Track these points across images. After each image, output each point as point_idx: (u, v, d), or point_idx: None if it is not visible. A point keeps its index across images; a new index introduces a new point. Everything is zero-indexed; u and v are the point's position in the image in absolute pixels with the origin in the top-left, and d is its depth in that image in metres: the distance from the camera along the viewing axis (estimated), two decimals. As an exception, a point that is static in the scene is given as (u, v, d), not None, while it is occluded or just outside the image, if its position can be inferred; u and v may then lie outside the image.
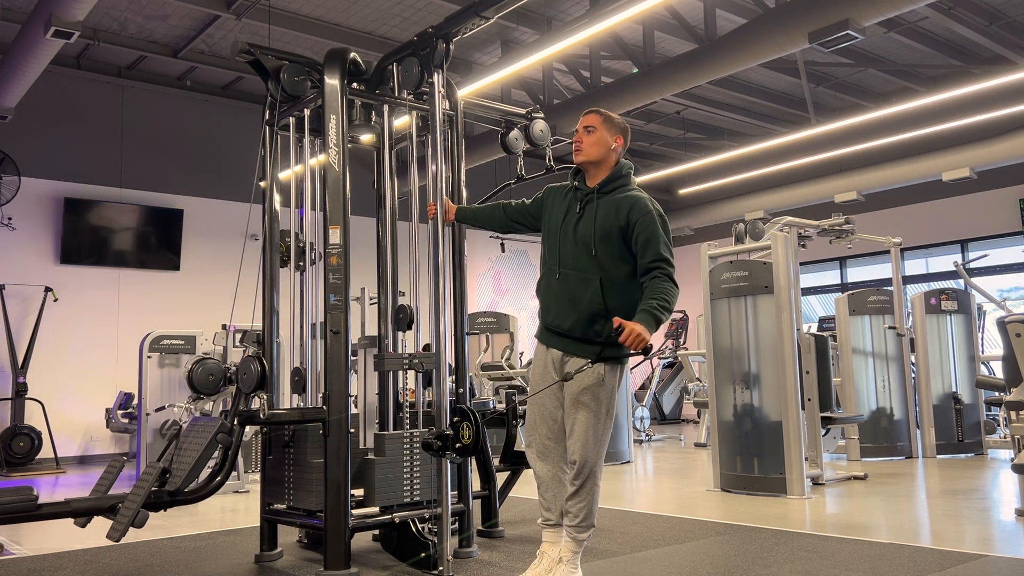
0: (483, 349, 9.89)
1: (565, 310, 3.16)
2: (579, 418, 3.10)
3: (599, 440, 3.11)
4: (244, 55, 3.97)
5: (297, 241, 4.11)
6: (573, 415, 3.12)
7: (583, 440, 3.08)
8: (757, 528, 4.40)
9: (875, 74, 10.71)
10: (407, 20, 8.73)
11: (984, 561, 3.52)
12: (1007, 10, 8.78)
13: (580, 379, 3.09)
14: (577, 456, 3.09)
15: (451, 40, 3.76)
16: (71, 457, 9.23)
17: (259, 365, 3.88)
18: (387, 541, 4.00)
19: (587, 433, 3.08)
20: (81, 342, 9.50)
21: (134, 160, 10.09)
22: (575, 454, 3.10)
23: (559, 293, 3.18)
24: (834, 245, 7.84)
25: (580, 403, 3.10)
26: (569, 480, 3.13)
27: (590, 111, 3.33)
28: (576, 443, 3.10)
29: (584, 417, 3.09)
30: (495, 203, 3.58)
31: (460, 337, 4.10)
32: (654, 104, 11.11)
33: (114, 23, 8.80)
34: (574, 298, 3.14)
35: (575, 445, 3.10)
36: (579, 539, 3.12)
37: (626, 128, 3.33)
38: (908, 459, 7.54)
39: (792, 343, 5.53)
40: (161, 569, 3.84)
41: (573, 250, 3.17)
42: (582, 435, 3.09)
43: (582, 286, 3.13)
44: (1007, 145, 10.04)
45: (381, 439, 3.81)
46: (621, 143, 3.28)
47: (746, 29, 7.54)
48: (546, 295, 3.25)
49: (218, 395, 6.45)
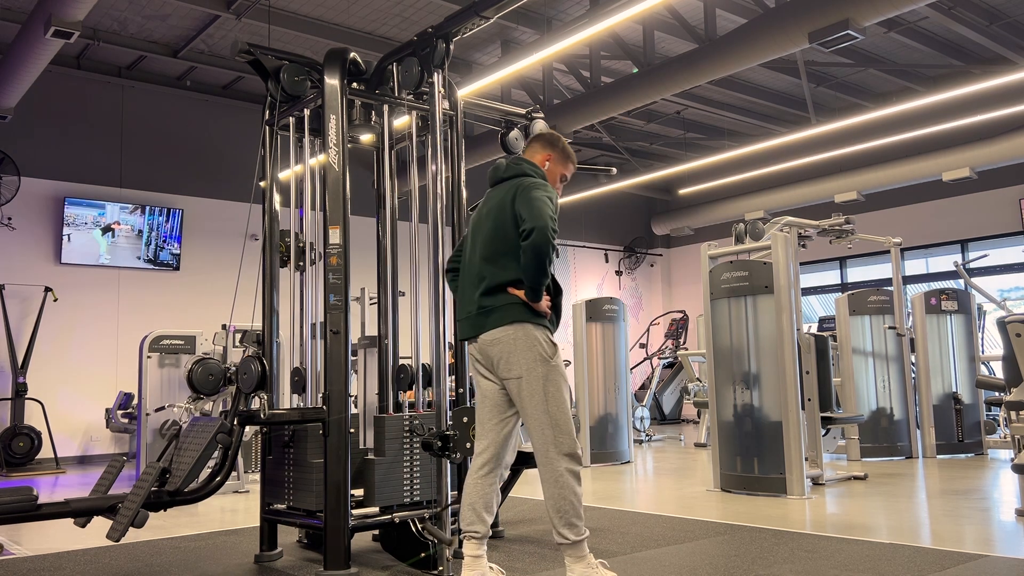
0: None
1: None
2: None
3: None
4: (244, 55, 3.97)
5: (297, 241, 4.11)
6: None
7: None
8: (757, 528, 4.40)
9: (875, 74, 10.71)
10: (407, 20, 8.73)
11: (984, 561, 3.52)
12: (1007, 10, 8.78)
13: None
14: None
15: (451, 40, 3.77)
16: (71, 457, 9.23)
17: (259, 365, 3.88)
18: (387, 541, 4.00)
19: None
20: (81, 342, 9.50)
21: (134, 160, 10.09)
22: None
23: None
24: (834, 245, 7.85)
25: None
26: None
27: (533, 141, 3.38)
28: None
29: None
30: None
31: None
32: (654, 104, 11.12)
33: (114, 23, 8.80)
34: None
35: None
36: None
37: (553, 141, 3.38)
38: (908, 459, 7.54)
39: (792, 343, 5.53)
40: (161, 569, 3.84)
41: None
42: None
43: None
44: (1007, 145, 10.05)
45: (381, 421, 3.81)
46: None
47: (746, 29, 7.54)
48: None
49: (218, 395, 6.45)
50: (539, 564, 3.71)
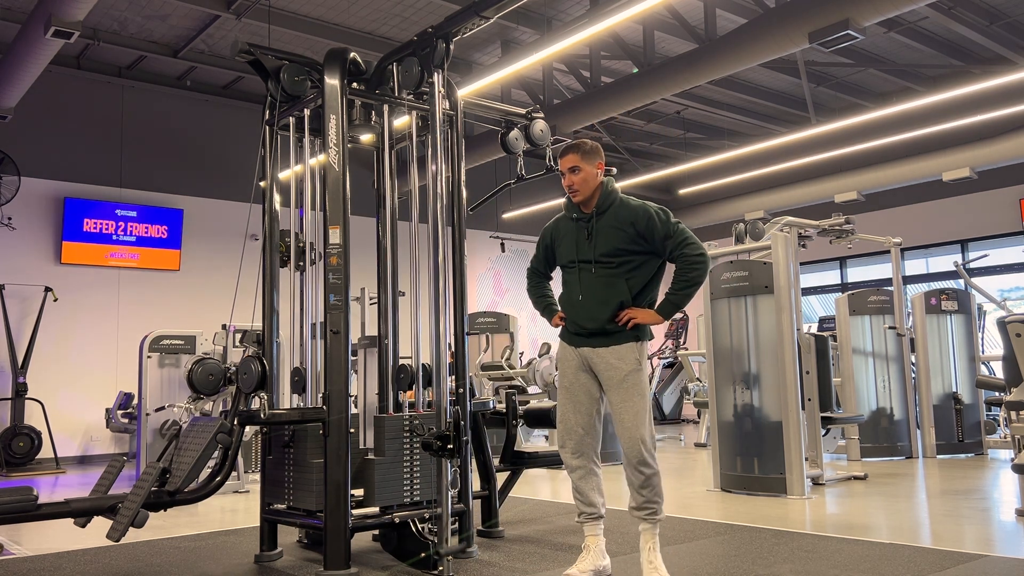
0: (483, 349, 9.89)
1: (594, 317, 3.43)
2: (626, 406, 3.35)
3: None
4: (244, 55, 3.97)
5: (297, 241, 4.11)
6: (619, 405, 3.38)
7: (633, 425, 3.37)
8: (757, 528, 4.40)
9: (875, 74, 10.71)
10: (407, 20, 8.73)
11: (984, 561, 3.52)
12: (1007, 10, 8.78)
13: (617, 368, 3.35)
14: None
15: (451, 40, 3.76)
16: (71, 457, 9.23)
17: (259, 365, 3.88)
18: (387, 541, 4.00)
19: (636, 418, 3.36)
20: (81, 342, 9.50)
21: (134, 160, 10.09)
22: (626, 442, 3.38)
23: (585, 304, 3.44)
24: (834, 245, 7.84)
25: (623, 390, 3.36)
26: (633, 473, 3.37)
27: (568, 151, 3.50)
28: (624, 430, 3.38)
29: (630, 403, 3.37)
30: (535, 281, 3.78)
31: (460, 337, 4.10)
32: (654, 104, 11.11)
33: (114, 23, 8.80)
34: (603, 305, 3.41)
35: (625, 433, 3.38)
36: (658, 521, 3.35)
37: (598, 149, 3.53)
38: (908, 459, 7.54)
39: (792, 343, 5.53)
40: (161, 569, 3.84)
41: (596, 270, 3.44)
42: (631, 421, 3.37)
43: (610, 294, 3.40)
44: (1007, 145, 10.04)
45: (381, 421, 3.81)
46: (602, 167, 3.51)
47: (746, 29, 7.54)
48: (570, 309, 3.51)
49: (218, 395, 6.45)
50: (539, 564, 3.71)
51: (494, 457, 4.51)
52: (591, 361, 3.42)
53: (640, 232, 3.37)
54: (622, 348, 3.36)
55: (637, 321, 3.34)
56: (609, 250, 3.39)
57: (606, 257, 3.39)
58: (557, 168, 4.81)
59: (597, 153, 3.50)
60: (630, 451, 3.36)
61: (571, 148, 3.50)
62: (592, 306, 3.41)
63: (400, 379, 4.04)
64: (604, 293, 3.40)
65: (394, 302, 4.31)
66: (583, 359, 3.44)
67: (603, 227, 3.42)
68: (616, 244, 3.38)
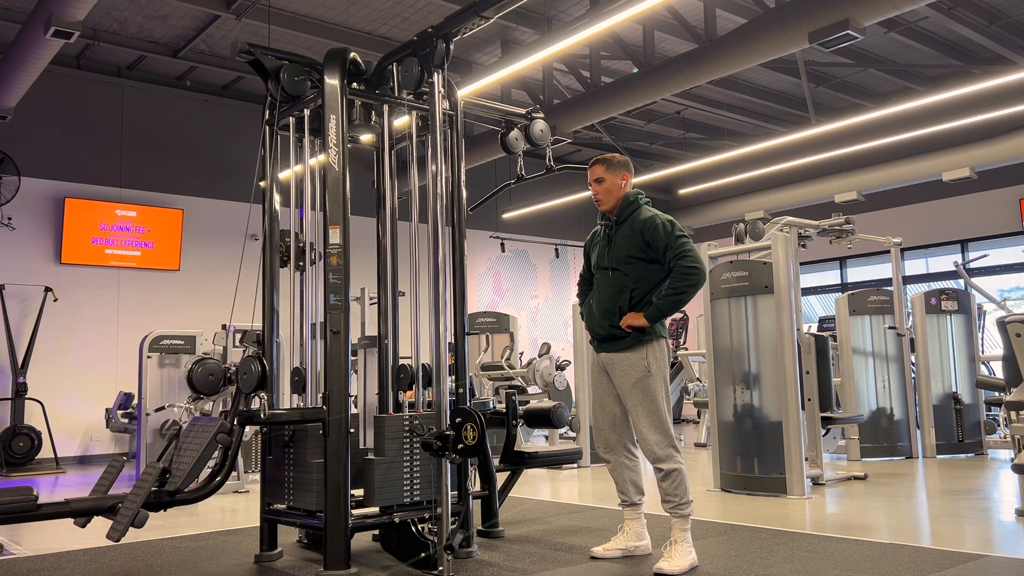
0: (483, 349, 9.88)
1: (601, 323, 3.73)
2: (637, 411, 3.62)
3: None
4: (244, 55, 3.97)
5: (297, 241, 4.11)
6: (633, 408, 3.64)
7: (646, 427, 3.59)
8: (757, 528, 4.40)
9: (875, 74, 10.71)
10: (407, 20, 8.73)
11: (984, 561, 3.52)
12: (1007, 10, 8.78)
13: (627, 374, 3.61)
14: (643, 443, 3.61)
15: (451, 40, 3.76)
16: (71, 457, 9.23)
17: (259, 365, 3.88)
18: (387, 541, 4.00)
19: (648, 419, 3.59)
20: (81, 342, 9.50)
21: (134, 160, 10.09)
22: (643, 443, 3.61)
23: (597, 310, 3.75)
24: (834, 245, 7.83)
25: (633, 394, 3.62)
26: (653, 469, 3.59)
27: (595, 163, 3.80)
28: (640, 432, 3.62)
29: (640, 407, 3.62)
30: (580, 289, 4.05)
31: (460, 337, 4.10)
32: (654, 104, 11.11)
33: (114, 23, 8.80)
34: (608, 311, 3.69)
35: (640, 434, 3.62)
36: (685, 516, 3.55)
37: (627, 162, 3.81)
38: (908, 459, 7.54)
39: (792, 343, 5.53)
40: (161, 569, 3.84)
41: (612, 275, 3.72)
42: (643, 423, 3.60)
43: (614, 301, 3.68)
44: (1007, 145, 10.04)
45: (381, 421, 3.81)
46: (627, 179, 3.79)
47: (746, 29, 7.54)
48: (588, 315, 3.83)
49: (218, 395, 6.45)
50: (539, 564, 3.71)
51: (494, 457, 4.50)
52: (607, 365, 3.72)
53: (647, 240, 3.61)
54: (632, 355, 3.61)
55: (629, 323, 3.58)
56: (622, 257, 3.66)
57: (620, 264, 3.67)
58: (557, 169, 4.85)
59: (624, 166, 3.76)
60: (644, 451, 3.63)
61: (598, 161, 3.77)
62: (601, 312, 3.70)
63: (400, 379, 4.05)
64: (610, 300, 3.67)
65: (394, 302, 4.31)
66: (602, 363, 3.74)
67: (621, 235, 3.70)
68: (628, 251, 3.65)
